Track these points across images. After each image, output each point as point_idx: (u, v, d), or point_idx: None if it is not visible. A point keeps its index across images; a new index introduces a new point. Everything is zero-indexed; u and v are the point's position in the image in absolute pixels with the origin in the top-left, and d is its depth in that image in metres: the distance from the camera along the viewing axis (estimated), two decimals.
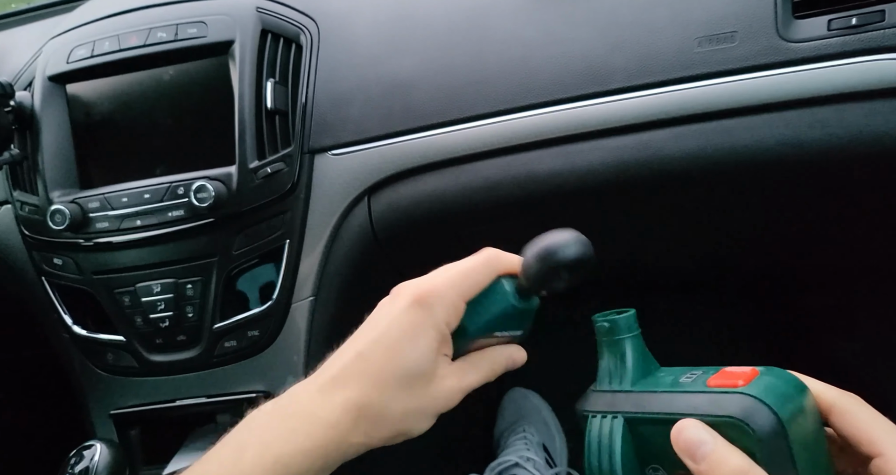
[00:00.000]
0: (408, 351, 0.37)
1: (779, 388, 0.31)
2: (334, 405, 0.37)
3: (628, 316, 0.38)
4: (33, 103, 0.72)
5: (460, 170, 0.68)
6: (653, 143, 0.63)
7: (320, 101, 0.71)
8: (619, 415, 0.35)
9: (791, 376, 0.33)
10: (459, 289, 0.39)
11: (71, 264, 0.73)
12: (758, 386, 0.31)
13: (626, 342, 0.37)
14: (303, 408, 0.37)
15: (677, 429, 0.31)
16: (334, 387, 0.37)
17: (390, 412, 0.37)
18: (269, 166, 0.68)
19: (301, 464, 0.35)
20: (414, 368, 0.37)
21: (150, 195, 0.69)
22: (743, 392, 0.30)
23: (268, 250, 0.71)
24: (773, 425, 0.29)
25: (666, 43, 0.61)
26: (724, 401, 0.31)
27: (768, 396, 0.30)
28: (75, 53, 0.72)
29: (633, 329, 0.37)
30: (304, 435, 0.36)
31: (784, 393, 0.31)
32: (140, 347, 0.73)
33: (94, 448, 0.67)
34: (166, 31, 0.70)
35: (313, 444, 0.36)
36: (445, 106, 0.67)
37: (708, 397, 0.32)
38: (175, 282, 0.70)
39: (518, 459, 0.92)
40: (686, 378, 0.34)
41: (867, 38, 0.56)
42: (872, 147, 0.58)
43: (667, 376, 0.36)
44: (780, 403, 0.30)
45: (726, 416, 0.30)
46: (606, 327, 0.37)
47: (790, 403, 0.30)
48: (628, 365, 0.37)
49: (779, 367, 0.33)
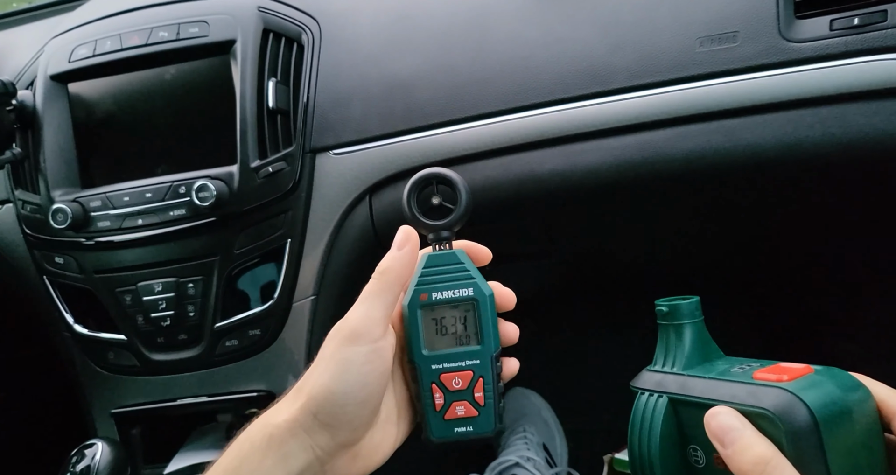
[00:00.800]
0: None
1: (825, 388, 0.31)
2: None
3: (691, 302, 0.39)
4: (35, 102, 0.72)
5: (461, 169, 0.68)
6: (654, 143, 0.63)
7: (322, 101, 0.71)
8: (665, 395, 0.36)
9: (846, 377, 0.32)
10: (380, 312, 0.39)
11: (72, 263, 0.73)
12: (802, 383, 0.31)
13: (685, 327, 0.38)
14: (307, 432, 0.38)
15: (710, 415, 0.32)
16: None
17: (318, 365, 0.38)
18: (270, 165, 0.68)
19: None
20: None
21: (152, 194, 0.69)
22: (783, 387, 0.31)
23: (269, 249, 0.71)
24: (804, 422, 0.29)
25: (668, 43, 0.61)
26: (762, 393, 0.31)
27: (808, 394, 0.30)
28: (77, 53, 0.72)
29: (696, 316, 0.39)
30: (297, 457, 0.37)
31: (829, 393, 0.31)
32: (141, 346, 0.73)
33: (95, 447, 0.67)
34: (168, 30, 0.70)
35: (309, 461, 0.37)
36: (447, 105, 0.67)
37: (748, 388, 0.32)
38: (176, 281, 0.71)
39: (518, 459, 0.92)
40: (738, 368, 0.35)
41: (869, 38, 0.56)
42: (874, 147, 0.58)
43: (722, 365, 0.37)
44: (820, 402, 0.30)
45: (760, 408, 0.31)
46: (665, 311, 0.39)
47: (833, 404, 0.30)
48: (685, 349, 0.38)
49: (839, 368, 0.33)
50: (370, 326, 0.37)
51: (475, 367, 0.40)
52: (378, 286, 0.39)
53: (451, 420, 0.40)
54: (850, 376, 0.33)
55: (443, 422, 0.40)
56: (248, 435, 0.38)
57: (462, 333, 0.41)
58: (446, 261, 0.41)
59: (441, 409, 0.40)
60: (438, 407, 0.40)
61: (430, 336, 0.40)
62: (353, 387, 0.36)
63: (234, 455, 0.38)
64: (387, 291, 0.39)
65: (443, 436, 0.40)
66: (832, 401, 0.30)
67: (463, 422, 0.40)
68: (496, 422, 0.40)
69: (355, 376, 0.37)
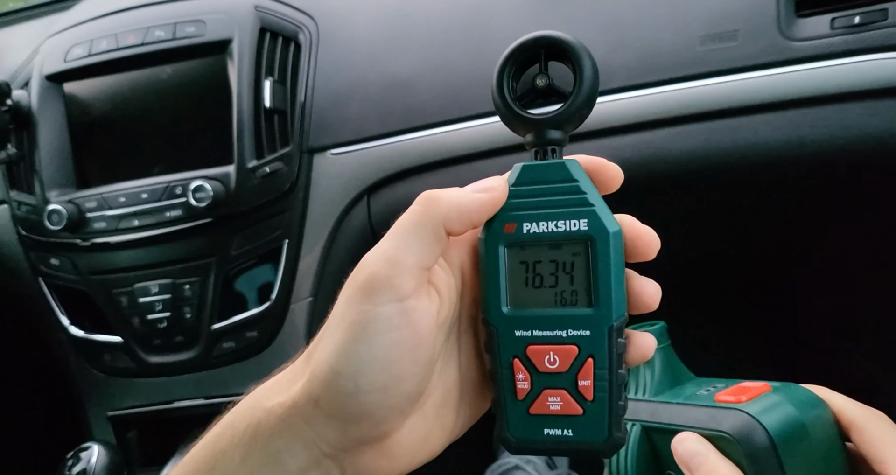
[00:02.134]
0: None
1: (781, 407, 0.32)
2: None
3: (657, 328, 0.39)
4: (30, 102, 0.72)
5: (460, 169, 0.68)
6: (654, 142, 0.62)
7: (319, 100, 0.70)
8: (637, 423, 0.37)
9: (803, 393, 0.33)
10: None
11: (68, 264, 0.72)
12: (759, 403, 0.32)
13: (654, 353, 0.38)
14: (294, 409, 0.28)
15: (677, 441, 0.33)
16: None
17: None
18: (267, 166, 0.68)
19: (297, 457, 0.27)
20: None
21: (148, 195, 0.69)
22: (741, 409, 0.32)
23: (266, 250, 0.70)
24: (762, 443, 0.30)
25: (668, 41, 0.61)
26: (722, 416, 0.32)
27: (765, 415, 0.31)
28: (73, 52, 0.72)
29: (663, 341, 0.38)
30: (292, 435, 0.28)
31: (785, 412, 0.32)
32: (138, 348, 0.72)
33: (91, 449, 0.66)
34: (164, 29, 0.70)
35: (306, 442, 0.27)
36: (445, 105, 0.67)
37: (710, 412, 0.33)
38: (173, 282, 0.70)
39: (518, 461, 0.92)
40: (704, 390, 0.36)
41: (869, 36, 0.56)
42: (874, 146, 0.58)
43: (690, 388, 0.37)
44: (776, 422, 0.31)
45: (720, 432, 0.32)
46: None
47: (790, 422, 0.31)
48: (654, 375, 0.38)
49: (795, 383, 0.35)
50: (395, 274, 0.26)
51: (583, 341, 0.27)
52: (418, 217, 0.27)
53: (540, 416, 0.27)
54: (806, 391, 0.34)
55: (526, 418, 0.28)
56: (231, 419, 0.28)
57: (567, 288, 0.27)
58: (551, 177, 0.28)
59: (525, 398, 0.28)
60: (521, 394, 0.27)
61: (518, 288, 0.28)
62: (370, 367, 0.25)
63: (209, 449, 0.28)
64: (430, 228, 0.26)
65: (525, 439, 0.28)
66: (788, 420, 0.31)
67: (558, 421, 0.27)
68: (611, 429, 0.27)
69: (372, 351, 0.25)
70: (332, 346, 0.26)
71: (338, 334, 0.26)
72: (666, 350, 0.38)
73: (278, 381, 0.29)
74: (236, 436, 0.28)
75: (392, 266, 0.26)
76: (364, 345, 0.25)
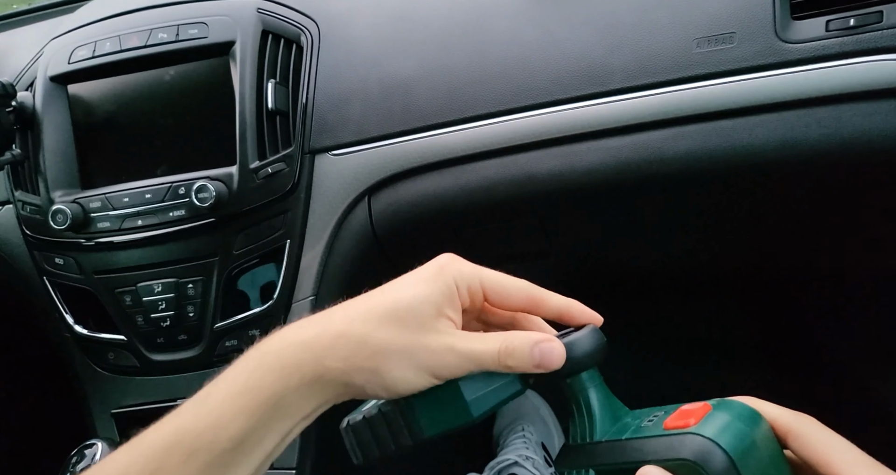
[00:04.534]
0: (403, 292, 0.35)
1: (729, 424, 0.32)
2: (314, 331, 0.34)
3: (589, 370, 0.38)
4: (35, 103, 0.72)
5: (460, 170, 0.68)
6: (652, 144, 0.63)
7: (321, 102, 0.71)
8: (591, 470, 0.36)
9: (742, 408, 0.33)
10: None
11: (72, 264, 0.73)
12: (708, 424, 0.32)
13: (590, 393, 0.37)
14: (281, 335, 0.35)
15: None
16: (319, 319, 0.35)
17: (372, 340, 0.33)
18: (269, 166, 0.68)
19: (273, 383, 0.33)
20: (404, 307, 0.34)
21: (152, 195, 0.69)
22: (694, 432, 0.32)
23: (268, 250, 0.71)
24: (723, 463, 0.30)
25: (665, 44, 0.61)
26: (678, 443, 0.32)
27: (719, 434, 0.31)
28: (77, 54, 0.72)
29: (595, 380, 0.37)
30: (274, 356, 0.34)
31: (735, 429, 0.32)
32: (141, 347, 0.73)
33: (95, 447, 0.67)
34: (167, 31, 0.70)
35: (284, 362, 0.33)
36: (445, 106, 0.67)
37: (664, 441, 0.33)
38: (176, 281, 0.71)
39: (517, 458, 0.93)
40: (648, 421, 0.35)
41: (865, 38, 0.56)
42: (870, 147, 0.58)
43: (632, 421, 0.36)
44: (730, 439, 0.31)
45: (681, 459, 0.31)
46: (569, 383, 0.37)
47: (741, 438, 0.31)
48: (595, 416, 0.37)
49: (730, 398, 0.34)
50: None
51: None
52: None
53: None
54: (744, 405, 0.34)
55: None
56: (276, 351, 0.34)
57: None
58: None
59: None
60: None
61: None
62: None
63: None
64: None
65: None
66: (740, 437, 0.31)
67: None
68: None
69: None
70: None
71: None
72: (600, 388, 0.38)
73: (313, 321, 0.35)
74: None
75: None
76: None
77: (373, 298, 0.35)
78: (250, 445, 0.32)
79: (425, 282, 0.35)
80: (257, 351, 0.35)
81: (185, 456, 0.31)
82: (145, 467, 0.31)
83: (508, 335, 0.35)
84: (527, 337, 0.34)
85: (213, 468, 0.31)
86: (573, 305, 0.37)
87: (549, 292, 0.38)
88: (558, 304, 0.37)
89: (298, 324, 0.35)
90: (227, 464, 0.32)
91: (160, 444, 0.32)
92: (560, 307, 0.37)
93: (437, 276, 0.35)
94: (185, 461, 0.31)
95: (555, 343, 0.34)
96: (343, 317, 0.34)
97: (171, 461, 0.31)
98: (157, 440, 0.33)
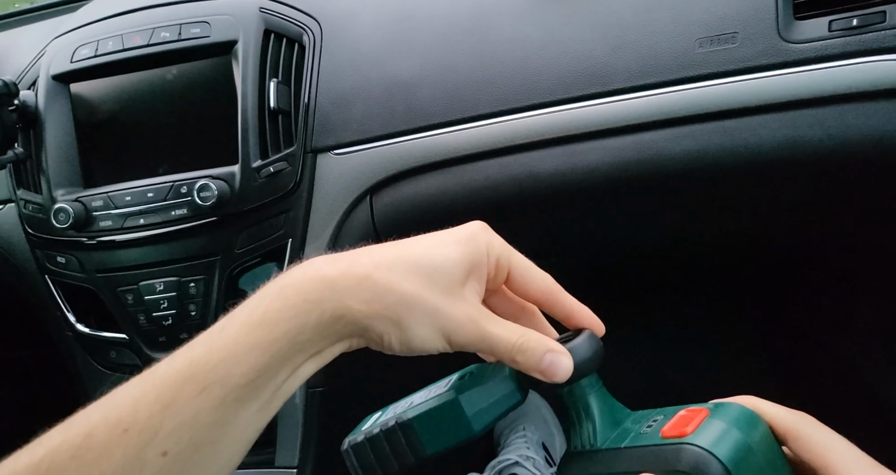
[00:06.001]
0: (434, 249, 0.34)
1: (726, 432, 0.32)
2: (337, 269, 0.33)
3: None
4: (37, 102, 0.72)
5: (462, 169, 0.68)
6: (654, 144, 0.63)
7: (323, 101, 0.71)
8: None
9: (740, 412, 0.33)
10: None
11: (74, 262, 0.73)
12: (705, 433, 0.32)
13: (590, 398, 0.37)
14: (302, 269, 0.34)
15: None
16: (342, 257, 0.34)
17: (399, 290, 0.32)
18: (271, 165, 0.69)
19: (291, 318, 0.32)
20: (434, 265, 0.33)
21: (154, 194, 0.69)
22: (690, 442, 0.32)
23: (270, 249, 0.71)
24: (718, 473, 0.30)
25: (667, 44, 0.61)
26: (675, 454, 0.32)
27: (715, 444, 0.31)
28: (79, 53, 0.72)
29: (595, 383, 0.37)
30: (294, 290, 0.33)
31: (731, 436, 0.32)
32: (143, 345, 0.73)
33: None
34: (170, 30, 0.70)
35: (305, 297, 0.32)
36: (447, 106, 0.67)
37: (661, 451, 0.33)
38: (178, 280, 0.71)
39: (518, 458, 0.93)
40: (647, 427, 0.35)
41: (868, 39, 0.56)
42: (873, 148, 0.58)
43: (632, 426, 0.36)
44: (726, 449, 0.31)
45: (677, 471, 0.31)
46: (568, 389, 0.37)
47: (737, 446, 0.31)
48: (595, 422, 0.37)
49: (728, 401, 0.34)
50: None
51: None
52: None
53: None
54: (742, 408, 0.34)
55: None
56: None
57: None
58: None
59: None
60: None
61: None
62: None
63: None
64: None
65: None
66: (737, 445, 0.31)
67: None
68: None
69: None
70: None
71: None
72: (600, 393, 0.37)
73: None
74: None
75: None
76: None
77: (402, 248, 0.35)
78: (263, 380, 0.32)
79: (458, 243, 0.34)
80: (276, 283, 0.34)
81: (199, 390, 0.31)
82: (157, 400, 0.31)
83: (527, 332, 0.34)
84: (544, 341, 0.34)
85: (227, 403, 0.31)
86: (583, 311, 0.37)
87: (566, 292, 0.37)
88: (571, 307, 0.37)
89: (321, 259, 0.34)
90: (240, 399, 0.31)
91: (173, 377, 0.31)
92: (572, 309, 0.37)
93: (470, 241, 0.35)
94: (197, 395, 0.31)
95: (566, 357, 0.34)
96: (369, 261, 0.33)
97: (184, 394, 0.31)
98: (169, 372, 0.32)
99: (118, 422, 0.30)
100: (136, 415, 0.30)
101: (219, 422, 0.31)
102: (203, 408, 0.31)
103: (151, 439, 0.30)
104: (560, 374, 0.33)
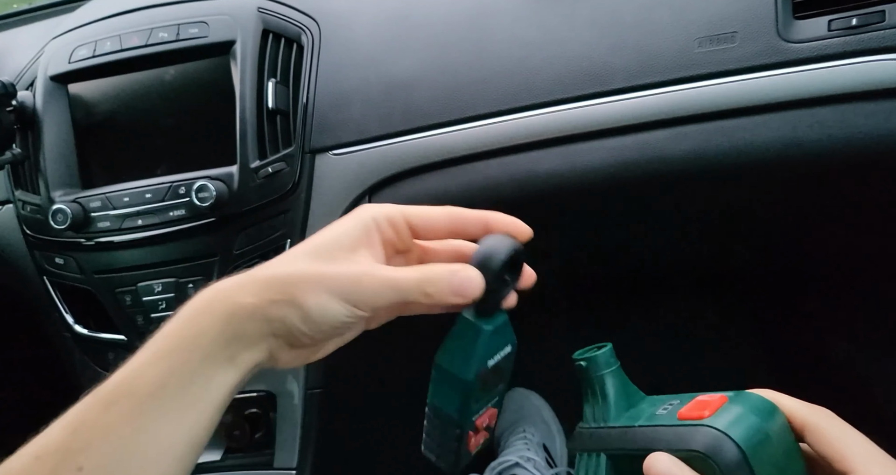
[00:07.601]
0: (319, 234, 0.36)
1: (743, 417, 0.32)
2: (230, 279, 0.34)
3: (605, 351, 0.38)
4: (35, 103, 0.72)
5: (461, 170, 0.68)
6: (653, 143, 0.63)
7: (321, 101, 0.71)
8: (602, 453, 0.37)
9: (759, 401, 0.33)
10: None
11: (72, 264, 0.73)
12: (722, 416, 0.32)
13: (606, 378, 0.37)
14: (202, 290, 0.35)
15: (649, 464, 0.33)
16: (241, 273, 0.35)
17: (283, 273, 0.33)
18: (270, 166, 0.68)
19: (184, 328, 0.34)
20: (319, 243, 0.35)
21: (152, 195, 0.69)
22: (707, 425, 0.32)
23: (269, 250, 0.71)
24: (735, 457, 0.30)
25: (666, 43, 0.61)
26: (690, 434, 0.32)
27: (732, 427, 0.31)
28: (77, 53, 0.72)
29: (612, 363, 0.38)
30: (188, 305, 0.34)
31: (748, 421, 0.32)
32: (141, 346, 0.73)
33: None
34: (168, 31, 0.70)
35: (194, 307, 0.34)
36: (446, 106, 0.67)
37: (677, 431, 0.33)
38: (176, 281, 0.71)
39: (518, 459, 0.93)
40: (662, 409, 0.35)
41: (867, 38, 0.56)
42: (872, 147, 0.58)
43: (647, 408, 0.37)
44: (743, 433, 0.31)
45: (692, 450, 0.32)
46: (585, 366, 0.37)
47: (754, 431, 0.31)
48: (610, 400, 0.37)
49: (748, 390, 0.34)
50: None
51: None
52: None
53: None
54: (761, 398, 0.34)
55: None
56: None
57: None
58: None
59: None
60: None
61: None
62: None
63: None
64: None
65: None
66: (753, 430, 0.31)
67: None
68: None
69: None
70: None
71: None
72: (616, 372, 0.38)
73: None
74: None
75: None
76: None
77: (293, 247, 0.36)
78: (172, 390, 0.32)
79: (339, 222, 0.36)
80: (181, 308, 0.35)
81: (106, 406, 0.32)
82: (68, 424, 0.31)
83: (429, 265, 0.34)
84: (446, 266, 0.34)
85: (135, 415, 0.31)
86: (491, 216, 0.37)
87: (468, 209, 0.37)
88: (478, 217, 0.37)
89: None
90: (148, 411, 0.31)
91: (85, 401, 0.32)
92: (480, 220, 0.37)
93: (352, 216, 0.36)
94: (105, 411, 0.31)
95: (472, 271, 0.33)
96: (261, 266, 0.35)
97: (92, 413, 0.32)
98: (85, 398, 0.33)
99: (32, 454, 0.31)
100: (47, 442, 0.31)
101: (132, 435, 0.31)
102: (112, 423, 0.31)
103: (63, 459, 0.30)
104: (474, 286, 0.33)
